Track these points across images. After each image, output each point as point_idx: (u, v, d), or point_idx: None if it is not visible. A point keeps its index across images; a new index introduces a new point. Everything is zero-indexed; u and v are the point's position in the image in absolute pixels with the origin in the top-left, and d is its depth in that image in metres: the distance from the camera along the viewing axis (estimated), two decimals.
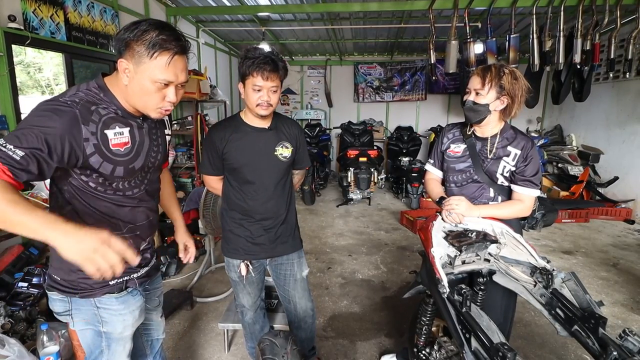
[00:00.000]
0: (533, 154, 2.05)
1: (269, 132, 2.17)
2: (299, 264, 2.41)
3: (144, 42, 1.34)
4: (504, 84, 1.97)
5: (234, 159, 2.13)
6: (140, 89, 1.40)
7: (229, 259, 2.32)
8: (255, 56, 1.95)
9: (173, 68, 1.39)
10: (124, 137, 1.44)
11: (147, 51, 1.34)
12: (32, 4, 3.71)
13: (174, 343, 3.07)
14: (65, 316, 1.53)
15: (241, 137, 2.13)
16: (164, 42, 1.35)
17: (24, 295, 3.03)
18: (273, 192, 2.22)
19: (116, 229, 1.53)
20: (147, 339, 1.91)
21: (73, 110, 1.31)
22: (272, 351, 2.05)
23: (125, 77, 1.39)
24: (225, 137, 2.12)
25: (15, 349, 2.27)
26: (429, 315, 2.09)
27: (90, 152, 1.35)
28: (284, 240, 2.33)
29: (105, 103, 1.41)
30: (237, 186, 2.21)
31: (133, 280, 1.64)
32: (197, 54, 7.63)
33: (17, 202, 1.12)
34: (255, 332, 2.58)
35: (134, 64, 1.36)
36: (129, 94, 1.43)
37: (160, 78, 1.39)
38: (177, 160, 6.12)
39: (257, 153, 2.15)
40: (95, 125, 1.35)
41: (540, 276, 1.73)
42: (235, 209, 2.24)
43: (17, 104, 3.57)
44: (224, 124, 2.20)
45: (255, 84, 1.97)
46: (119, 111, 1.44)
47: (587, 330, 1.49)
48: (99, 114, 1.37)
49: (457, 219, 1.99)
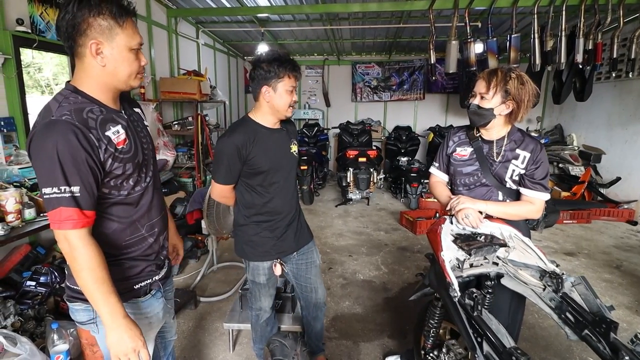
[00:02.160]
0: (542, 157, 2.04)
1: (282, 131, 2.22)
2: (316, 251, 2.50)
3: (107, 14, 1.30)
4: (510, 89, 1.95)
5: (261, 162, 2.12)
6: (122, 62, 1.37)
7: (258, 262, 2.31)
8: (285, 59, 2.00)
9: (137, 30, 1.40)
10: (121, 134, 1.40)
11: (114, 22, 1.31)
12: (39, 8, 3.73)
13: (179, 342, 3.07)
14: (90, 325, 1.51)
15: (264, 140, 2.13)
16: (122, 8, 1.33)
17: (32, 294, 3.04)
18: (290, 188, 2.30)
19: (136, 231, 1.53)
20: (161, 341, 1.90)
21: (74, 123, 1.27)
22: (282, 352, 2.05)
23: (99, 59, 1.33)
24: (249, 142, 2.08)
25: (27, 348, 2.28)
26: (437, 318, 2.09)
27: (104, 156, 1.34)
28: (302, 231, 2.42)
29: (88, 105, 1.35)
30: (261, 189, 2.19)
31: (157, 283, 1.64)
32: (197, 54, 7.63)
33: (102, 281, 1.31)
34: (266, 334, 2.59)
35: (106, 39, 1.32)
36: (108, 75, 1.37)
37: (134, 43, 1.38)
38: (178, 160, 6.10)
39: (279, 153, 2.20)
40: (96, 130, 1.32)
41: (550, 280, 1.73)
42: (260, 212, 2.24)
43: (24, 106, 3.58)
44: (242, 130, 2.12)
45: (290, 85, 2.03)
46: (102, 109, 1.38)
47: (598, 334, 1.49)
48: (93, 119, 1.33)
49: (474, 222, 1.97)
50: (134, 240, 1.52)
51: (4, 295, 2.83)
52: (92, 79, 1.37)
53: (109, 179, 1.39)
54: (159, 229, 1.65)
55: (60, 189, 1.24)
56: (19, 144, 3.48)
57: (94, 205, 1.32)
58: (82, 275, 1.29)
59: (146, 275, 1.58)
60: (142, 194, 1.52)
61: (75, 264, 1.29)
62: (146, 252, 1.57)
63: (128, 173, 1.43)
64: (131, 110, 1.58)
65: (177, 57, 6.73)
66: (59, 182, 1.24)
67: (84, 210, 1.28)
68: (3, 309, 2.67)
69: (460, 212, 2.01)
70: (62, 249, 1.30)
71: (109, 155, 1.35)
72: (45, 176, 1.24)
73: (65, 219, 1.25)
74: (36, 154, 1.26)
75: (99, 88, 1.39)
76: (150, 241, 1.59)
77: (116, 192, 1.43)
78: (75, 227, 1.26)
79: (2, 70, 3.32)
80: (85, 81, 1.37)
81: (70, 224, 1.25)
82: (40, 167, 1.26)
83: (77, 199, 1.26)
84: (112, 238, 1.46)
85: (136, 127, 1.55)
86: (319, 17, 7.20)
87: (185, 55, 7.10)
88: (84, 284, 1.31)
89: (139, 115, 1.64)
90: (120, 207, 1.46)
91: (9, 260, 3.19)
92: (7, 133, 3.38)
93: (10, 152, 3.37)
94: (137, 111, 1.63)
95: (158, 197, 1.65)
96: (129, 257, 1.52)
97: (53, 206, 1.25)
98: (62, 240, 1.28)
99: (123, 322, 1.34)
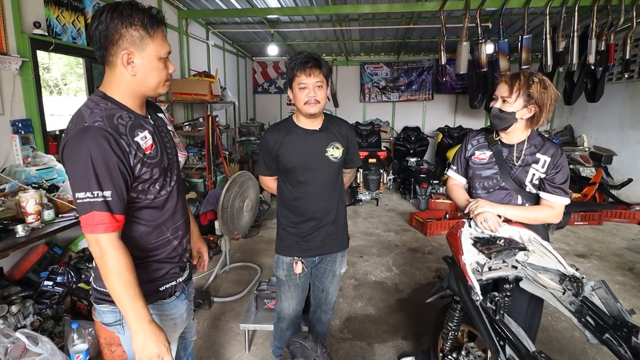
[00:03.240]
0: (563, 161, 2.04)
1: (320, 133, 2.22)
2: (340, 262, 2.49)
3: (139, 25, 1.33)
4: (533, 93, 1.96)
5: (288, 160, 2.20)
6: (152, 71, 1.40)
7: (281, 256, 2.39)
8: (297, 58, 2.04)
9: (165, 39, 1.43)
10: (149, 140, 1.43)
11: (145, 32, 1.34)
12: (55, 11, 3.77)
13: (195, 342, 3.05)
14: (116, 326, 1.54)
15: (294, 139, 2.20)
16: (152, 18, 1.36)
17: (49, 293, 3.08)
18: (324, 192, 2.28)
19: (162, 234, 1.55)
20: (182, 342, 1.92)
21: (106, 129, 1.30)
22: (303, 354, 2.06)
23: (130, 68, 1.36)
24: (279, 140, 2.20)
25: (48, 347, 2.30)
26: (456, 320, 2.10)
27: (134, 161, 1.36)
28: (333, 239, 2.39)
29: (118, 111, 1.38)
30: (290, 186, 2.29)
31: (180, 284, 1.67)
32: (207, 55, 7.67)
33: (129, 284, 1.33)
34: (285, 337, 2.60)
35: (137, 49, 1.35)
36: (138, 84, 1.41)
37: (164, 52, 1.41)
38: (189, 161, 6.13)
39: (309, 154, 2.21)
40: (126, 136, 1.35)
41: (570, 284, 1.74)
42: (288, 208, 2.32)
43: (42, 108, 3.62)
44: (278, 127, 2.28)
45: (301, 82, 2.05)
46: (131, 115, 1.41)
47: (619, 338, 1.50)
48: (123, 125, 1.35)
49: (493, 226, 1.98)
50: (159, 243, 1.55)
51: (22, 295, 2.86)
52: (122, 86, 1.40)
53: (137, 184, 1.41)
54: (183, 232, 1.67)
55: (93, 194, 1.26)
56: (36, 145, 3.51)
57: (124, 210, 1.35)
58: (110, 278, 1.32)
59: (171, 277, 1.61)
60: (167, 198, 1.55)
61: (105, 267, 1.31)
62: (171, 255, 1.60)
63: (155, 178, 1.45)
64: (156, 116, 1.61)
65: (188, 58, 6.77)
66: (92, 187, 1.26)
67: (115, 215, 1.30)
68: (23, 309, 2.71)
69: (480, 215, 2.02)
70: (93, 252, 1.33)
71: (138, 160, 1.37)
72: (79, 181, 1.27)
73: (97, 223, 1.27)
74: (70, 159, 1.28)
75: (128, 95, 1.42)
76: (175, 244, 1.61)
77: (143, 196, 1.45)
78: (106, 231, 1.29)
79: (20, 73, 3.36)
80: (115, 88, 1.40)
81: (102, 228, 1.28)
82: (74, 172, 1.28)
83: (109, 203, 1.28)
84: (139, 241, 1.49)
85: (161, 132, 1.57)
86: (329, 18, 7.23)
87: (196, 56, 7.13)
88: (112, 287, 1.33)
89: (162, 120, 1.67)
90: (147, 210, 1.49)
91: (26, 260, 3.23)
92: (25, 135, 3.42)
93: (28, 154, 3.40)
94: (161, 116, 1.66)
95: (182, 201, 1.68)
96: (155, 260, 1.55)
97: (86, 210, 1.27)
98: (93, 244, 1.31)
99: (148, 326, 1.36)
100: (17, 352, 2.28)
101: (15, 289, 2.87)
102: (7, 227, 2.58)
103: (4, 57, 3.17)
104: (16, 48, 3.35)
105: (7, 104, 3.28)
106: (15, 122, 3.34)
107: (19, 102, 3.41)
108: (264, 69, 11.16)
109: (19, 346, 2.29)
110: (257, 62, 11.10)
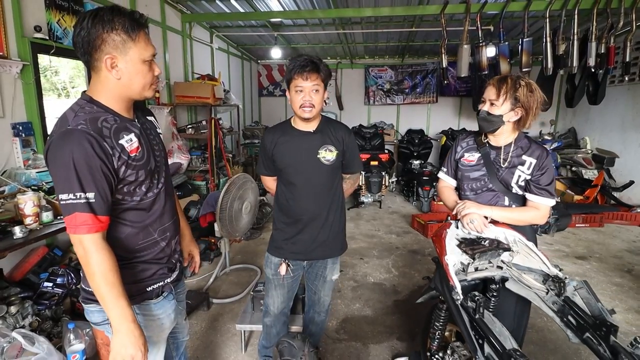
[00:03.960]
0: (548, 163, 2.06)
1: (313, 135, 2.23)
2: (331, 269, 2.48)
3: (120, 29, 1.35)
4: (519, 96, 1.99)
5: (280, 161, 2.25)
6: (136, 75, 1.42)
7: (269, 254, 2.43)
8: (296, 60, 2.06)
9: (149, 41, 1.44)
10: (134, 142, 1.45)
11: (127, 36, 1.36)
12: (56, 15, 3.83)
13: (192, 343, 3.13)
14: (104, 325, 1.56)
15: (288, 140, 2.24)
16: (134, 22, 1.38)
17: (49, 294, 3.12)
18: (313, 195, 2.28)
19: (149, 236, 1.57)
20: (173, 341, 1.95)
21: (89, 132, 1.32)
22: (290, 353, 2.09)
23: (114, 72, 1.38)
24: (274, 140, 2.26)
25: (45, 347, 2.33)
26: (442, 320, 2.12)
27: (118, 164, 1.39)
28: (324, 244, 2.36)
29: (103, 114, 1.40)
30: (283, 187, 2.34)
31: (168, 285, 1.68)
32: (210, 59, 7.73)
33: (113, 285, 1.35)
34: (271, 335, 2.62)
35: (120, 54, 1.37)
36: (123, 87, 1.43)
37: (147, 55, 1.43)
38: (192, 164, 6.19)
39: (300, 155, 2.23)
40: (110, 139, 1.37)
41: (553, 284, 1.76)
42: (280, 208, 2.37)
43: (42, 111, 3.67)
44: (276, 128, 2.34)
45: (297, 85, 2.07)
46: (117, 118, 1.43)
47: (598, 337, 1.52)
48: (107, 128, 1.38)
49: (479, 227, 2.00)
50: (146, 244, 1.57)
51: (22, 296, 2.90)
52: (107, 90, 1.43)
53: (122, 186, 1.44)
54: (171, 234, 1.70)
55: (75, 195, 1.29)
56: (36, 148, 3.57)
57: (108, 211, 1.38)
58: (94, 278, 1.34)
59: (158, 277, 1.63)
60: (154, 200, 1.57)
61: (88, 267, 1.34)
62: (158, 256, 1.62)
63: (141, 180, 1.48)
64: (144, 119, 1.64)
65: (192, 61, 6.84)
66: (74, 188, 1.29)
67: (98, 216, 1.33)
68: (21, 309, 2.74)
69: (466, 217, 2.04)
70: (77, 253, 1.36)
71: (123, 162, 1.40)
72: (62, 183, 1.30)
73: (80, 224, 1.30)
74: (53, 162, 1.32)
75: (114, 98, 1.45)
76: (162, 245, 1.64)
77: (129, 198, 1.48)
78: (89, 232, 1.32)
79: (21, 76, 3.42)
80: (101, 92, 1.43)
81: (84, 228, 1.31)
82: (57, 174, 1.31)
83: (92, 204, 1.31)
84: (125, 242, 1.51)
85: (149, 135, 1.60)
86: (332, 22, 7.26)
87: (199, 59, 7.20)
88: (96, 287, 1.36)
89: (152, 123, 1.69)
90: (133, 212, 1.52)
91: (26, 261, 3.27)
92: (26, 137, 3.47)
93: (28, 156, 3.46)
94: (150, 119, 1.69)
95: (170, 203, 1.70)
96: (142, 261, 1.57)
97: (69, 211, 1.30)
98: (77, 244, 1.34)
99: (131, 326, 1.38)
100: (14, 352, 2.31)
101: (15, 289, 2.90)
102: (5, 229, 2.62)
103: (4, 61, 3.22)
104: (17, 52, 3.40)
105: (7, 107, 3.34)
106: (16, 125, 3.40)
107: (20, 105, 3.47)
108: (269, 72, 11.21)
109: (15, 346, 2.32)
110: (262, 65, 11.15)
